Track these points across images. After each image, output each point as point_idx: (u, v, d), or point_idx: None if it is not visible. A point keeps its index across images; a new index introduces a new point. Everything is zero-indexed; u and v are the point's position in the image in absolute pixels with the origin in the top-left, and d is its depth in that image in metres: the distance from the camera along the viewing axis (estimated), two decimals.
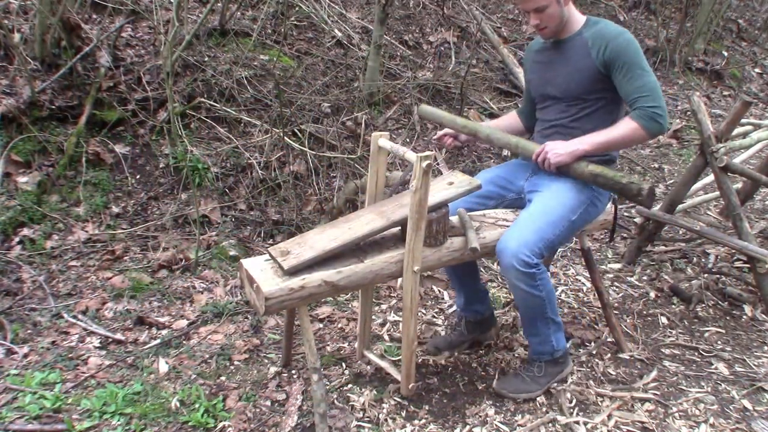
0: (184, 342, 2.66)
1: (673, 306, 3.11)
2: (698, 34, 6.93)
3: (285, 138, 3.63)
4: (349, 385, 2.42)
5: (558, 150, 2.15)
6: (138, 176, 3.59)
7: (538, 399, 2.35)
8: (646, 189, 1.98)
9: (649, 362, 2.63)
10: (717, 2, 7.01)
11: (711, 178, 3.49)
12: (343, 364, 2.56)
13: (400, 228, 2.13)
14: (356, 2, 5.49)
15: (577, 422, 2.24)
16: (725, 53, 7.37)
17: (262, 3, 4.82)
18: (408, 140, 4.32)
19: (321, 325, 2.85)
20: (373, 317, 2.89)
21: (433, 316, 2.98)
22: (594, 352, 2.67)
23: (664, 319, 2.98)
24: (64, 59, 3.65)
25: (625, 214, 4.13)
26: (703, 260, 3.54)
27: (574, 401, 2.36)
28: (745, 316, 3.01)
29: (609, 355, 2.67)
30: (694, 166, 3.13)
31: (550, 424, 2.23)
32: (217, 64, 4.06)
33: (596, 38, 2.17)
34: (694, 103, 3.03)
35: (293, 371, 2.50)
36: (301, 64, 4.45)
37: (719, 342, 2.81)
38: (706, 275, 3.33)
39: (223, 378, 2.45)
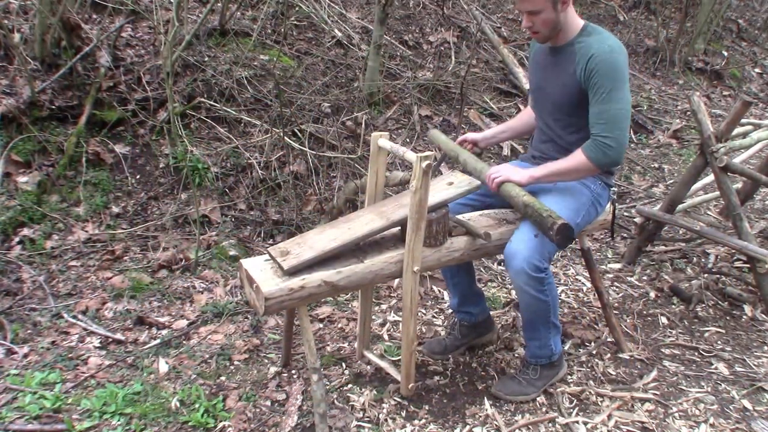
0: (184, 342, 2.67)
1: (673, 306, 3.11)
2: (698, 34, 6.93)
3: (285, 138, 3.62)
4: (349, 385, 2.42)
5: (512, 173, 2.13)
6: (138, 176, 3.59)
7: (538, 399, 2.35)
8: (555, 229, 1.91)
9: (649, 362, 2.63)
10: (717, 2, 7.01)
11: (711, 178, 3.49)
12: (343, 364, 2.56)
13: (399, 228, 2.13)
14: (356, 2, 5.49)
15: (577, 422, 2.24)
16: (725, 53, 7.36)
17: (262, 3, 4.82)
18: (408, 140, 4.32)
19: (321, 325, 2.85)
20: (373, 317, 2.89)
21: (433, 316, 2.98)
22: (594, 352, 2.67)
23: (664, 319, 2.98)
24: (64, 59, 3.64)
25: (625, 214, 4.13)
26: (703, 260, 3.54)
27: (574, 401, 2.36)
28: (745, 316, 3.01)
29: (609, 355, 2.67)
30: (694, 166, 3.13)
31: (550, 424, 2.23)
32: (217, 64, 4.06)
33: (582, 53, 2.05)
34: (694, 103, 3.03)
35: (293, 371, 2.50)
36: (301, 64, 4.45)
37: (719, 342, 2.81)
38: (706, 275, 3.33)
39: (223, 378, 2.45)
